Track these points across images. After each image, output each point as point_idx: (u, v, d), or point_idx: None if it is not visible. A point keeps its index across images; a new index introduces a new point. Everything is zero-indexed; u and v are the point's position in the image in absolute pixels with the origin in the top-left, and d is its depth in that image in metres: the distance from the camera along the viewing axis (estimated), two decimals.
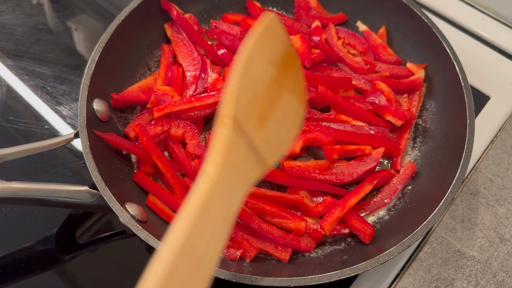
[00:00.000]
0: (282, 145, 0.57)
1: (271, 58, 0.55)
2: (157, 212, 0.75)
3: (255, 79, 0.52)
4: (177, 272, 0.36)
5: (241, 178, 0.47)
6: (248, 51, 0.51)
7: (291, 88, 0.58)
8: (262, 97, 0.53)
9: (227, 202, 0.44)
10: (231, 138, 0.46)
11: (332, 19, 0.99)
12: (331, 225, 0.73)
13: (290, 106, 0.58)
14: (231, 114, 0.47)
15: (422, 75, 0.90)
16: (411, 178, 0.82)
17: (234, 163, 0.46)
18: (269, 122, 0.53)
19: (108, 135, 0.76)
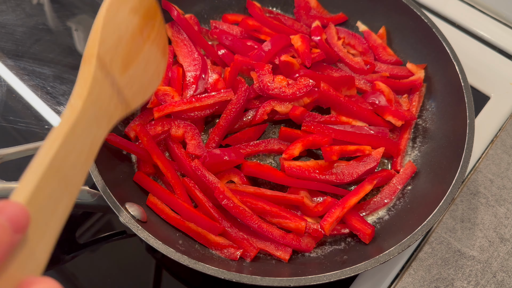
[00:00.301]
0: (145, 92, 0.63)
1: (135, 7, 0.61)
2: (157, 212, 0.75)
3: (119, 24, 0.57)
4: (46, 186, 0.40)
5: (106, 114, 0.52)
6: (109, 1, 0.56)
7: (155, 41, 0.65)
8: (126, 43, 0.58)
9: (92, 132, 0.49)
10: (95, 75, 0.51)
11: (332, 19, 0.99)
12: (331, 225, 0.74)
13: (153, 57, 0.65)
14: (95, 53, 0.52)
15: (422, 76, 0.90)
16: (411, 178, 0.82)
17: (99, 98, 0.51)
18: (132, 68, 0.59)
19: (108, 135, 0.76)
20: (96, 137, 0.49)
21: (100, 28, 0.54)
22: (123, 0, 0.59)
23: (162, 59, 0.68)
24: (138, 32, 0.61)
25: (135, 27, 0.61)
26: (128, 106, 0.59)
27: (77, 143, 0.45)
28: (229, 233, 0.74)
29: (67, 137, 0.44)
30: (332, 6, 1.01)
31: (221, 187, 0.74)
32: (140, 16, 0.62)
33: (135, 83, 0.60)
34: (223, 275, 0.63)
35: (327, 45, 0.92)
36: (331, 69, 0.92)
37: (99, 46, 0.53)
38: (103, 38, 0.54)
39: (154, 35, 0.66)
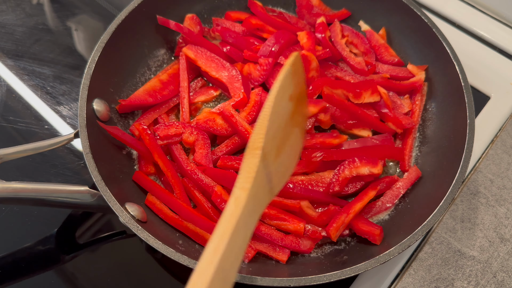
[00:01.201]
0: (286, 175, 0.62)
1: (292, 94, 0.60)
2: (156, 212, 0.75)
3: (280, 114, 0.57)
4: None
5: (260, 204, 0.52)
6: (278, 88, 0.55)
7: (299, 124, 0.64)
8: (281, 131, 0.58)
9: (248, 225, 0.47)
10: (259, 167, 0.51)
11: (335, 15, 0.98)
12: (337, 231, 0.73)
13: (296, 139, 0.64)
14: (261, 146, 0.52)
15: (423, 77, 0.89)
16: None
17: (257, 190, 0.50)
18: (282, 154, 0.58)
19: (111, 128, 0.76)
20: (250, 230, 0.48)
21: (268, 119, 0.53)
22: (285, 89, 0.58)
23: (301, 140, 0.67)
24: (290, 118, 0.61)
25: (289, 114, 0.60)
26: (272, 193, 0.57)
27: (238, 238, 0.44)
28: None
29: (233, 233, 0.42)
30: (332, 6, 1.01)
31: (218, 190, 0.73)
32: (294, 102, 0.61)
33: (281, 169, 0.59)
34: None
35: (330, 43, 0.92)
36: (335, 68, 0.91)
37: (265, 137, 0.52)
38: (268, 129, 0.53)
39: (301, 119, 0.65)
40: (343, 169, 0.76)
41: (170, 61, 0.95)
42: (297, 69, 0.61)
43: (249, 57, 0.88)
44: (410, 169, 0.82)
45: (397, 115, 0.86)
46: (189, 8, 0.97)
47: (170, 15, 0.94)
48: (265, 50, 0.87)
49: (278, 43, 0.87)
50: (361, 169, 0.77)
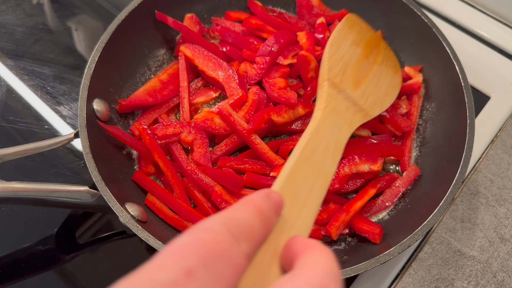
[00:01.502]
0: (382, 102, 0.77)
1: (356, 41, 0.79)
2: (156, 212, 0.75)
3: (343, 55, 0.74)
4: (300, 171, 0.49)
5: (345, 120, 0.65)
6: (331, 39, 0.76)
7: (383, 62, 0.81)
8: (353, 68, 0.74)
9: (335, 133, 0.60)
10: (329, 93, 0.67)
11: (335, 16, 0.99)
12: (337, 229, 0.73)
13: (384, 74, 0.80)
14: (326, 78, 0.69)
15: (420, 79, 0.89)
16: None
17: (336, 109, 0.65)
18: (363, 85, 0.74)
19: (111, 128, 0.76)
20: (340, 137, 0.61)
21: (327, 60, 0.71)
22: (342, 38, 0.77)
23: (394, 75, 0.83)
24: (364, 57, 0.78)
25: (359, 55, 0.77)
26: (367, 114, 0.72)
27: (323, 140, 0.56)
28: None
29: (311, 137, 0.55)
30: (332, 6, 1.01)
31: (218, 190, 0.73)
32: (362, 46, 0.79)
33: (370, 96, 0.73)
34: None
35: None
36: None
37: (328, 73, 0.70)
38: (330, 67, 0.71)
39: (381, 58, 0.82)
40: (343, 166, 0.77)
41: (170, 61, 0.95)
42: (352, 24, 0.81)
43: (248, 56, 0.88)
44: (409, 167, 0.82)
45: (396, 118, 0.85)
46: (189, 8, 0.97)
47: (170, 15, 0.94)
48: (264, 50, 0.87)
49: (277, 43, 0.86)
50: (361, 166, 0.77)
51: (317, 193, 0.51)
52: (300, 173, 0.49)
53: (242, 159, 0.81)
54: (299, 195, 0.47)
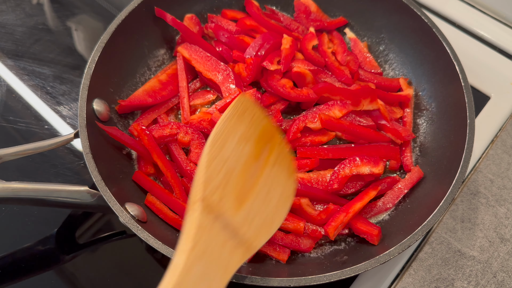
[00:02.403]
0: (270, 223, 0.56)
1: (246, 136, 0.56)
2: (156, 212, 0.75)
3: (227, 158, 0.53)
4: None
5: (218, 264, 0.46)
6: (213, 135, 0.53)
7: (275, 163, 0.59)
8: (238, 176, 0.53)
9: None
10: (201, 223, 0.46)
11: (332, 23, 0.99)
12: (335, 229, 0.73)
13: (276, 181, 0.58)
14: (200, 198, 0.48)
15: (411, 93, 0.90)
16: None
17: (208, 248, 0.45)
18: (249, 202, 0.53)
19: (110, 129, 0.76)
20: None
21: (204, 168, 0.50)
22: (229, 131, 0.55)
23: (287, 180, 0.61)
24: (253, 160, 0.57)
25: (248, 155, 0.56)
26: (250, 246, 0.52)
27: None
28: None
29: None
30: (332, 6, 1.01)
31: None
32: (252, 143, 0.58)
33: (255, 218, 0.54)
34: None
35: (310, 54, 0.92)
36: (324, 74, 0.91)
37: (204, 188, 0.49)
38: (207, 178, 0.50)
39: (275, 157, 0.60)
40: (343, 167, 0.77)
41: (170, 61, 0.95)
42: (244, 110, 0.59)
43: (238, 57, 0.88)
44: (412, 169, 0.82)
45: (396, 127, 0.85)
46: (189, 7, 0.97)
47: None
48: (250, 51, 0.87)
49: (263, 46, 0.87)
50: (362, 168, 0.77)
51: None
52: None
53: None
54: None
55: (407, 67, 0.95)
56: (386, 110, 0.86)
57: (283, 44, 0.90)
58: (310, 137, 0.83)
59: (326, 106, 0.84)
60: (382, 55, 0.98)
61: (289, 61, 0.88)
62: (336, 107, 0.84)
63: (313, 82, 0.87)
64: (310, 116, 0.83)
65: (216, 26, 0.93)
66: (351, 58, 0.94)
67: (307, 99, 0.84)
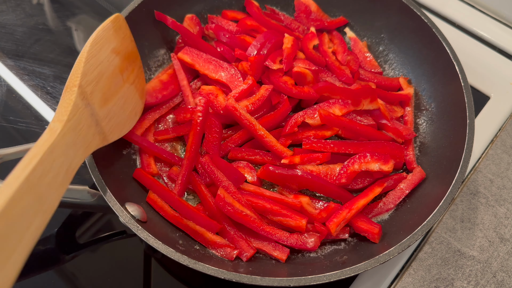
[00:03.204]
0: (122, 128, 0.71)
1: (117, 49, 0.70)
2: (157, 209, 0.76)
3: (102, 61, 0.65)
4: (20, 200, 0.41)
5: (84, 141, 0.57)
6: (95, 36, 0.65)
7: (133, 83, 0.75)
8: (106, 79, 0.66)
9: (69, 156, 0.52)
10: (75, 103, 0.57)
11: (332, 22, 0.99)
12: (337, 226, 0.73)
13: (132, 97, 0.73)
14: (77, 83, 0.59)
15: (411, 92, 0.90)
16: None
17: (78, 125, 0.56)
18: (111, 103, 0.67)
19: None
20: (73, 163, 0.53)
21: (83, 61, 0.61)
22: (106, 40, 0.68)
23: (139, 101, 0.77)
24: (119, 71, 0.70)
25: (116, 66, 0.69)
26: (105, 138, 0.65)
27: (54, 164, 0.48)
28: (227, 232, 0.74)
29: (45, 156, 0.46)
30: (332, 7, 1.01)
31: (221, 193, 0.73)
32: (121, 57, 0.71)
33: (113, 118, 0.67)
34: (223, 275, 0.63)
35: (312, 53, 0.92)
36: (325, 73, 0.92)
37: (81, 77, 0.60)
38: (85, 71, 0.61)
39: (134, 77, 0.75)
40: (353, 163, 0.77)
41: (170, 61, 0.95)
42: (119, 27, 0.72)
43: (240, 56, 0.88)
44: (414, 170, 0.82)
45: (397, 126, 0.85)
46: (189, 8, 0.97)
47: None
48: (253, 50, 0.88)
49: (265, 45, 0.88)
50: (371, 165, 0.77)
51: (33, 234, 0.42)
52: (19, 207, 0.41)
53: (253, 150, 0.82)
54: (16, 229, 0.39)
55: (407, 67, 0.95)
56: (387, 110, 0.86)
57: (284, 43, 0.90)
58: (313, 131, 0.84)
59: (326, 103, 0.84)
60: (382, 55, 0.98)
61: (291, 60, 0.88)
62: (336, 106, 0.84)
63: (313, 81, 0.87)
64: (310, 112, 0.83)
65: (216, 26, 0.93)
66: (352, 57, 0.94)
67: (308, 96, 0.84)
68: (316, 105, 0.85)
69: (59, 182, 0.49)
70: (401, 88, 0.92)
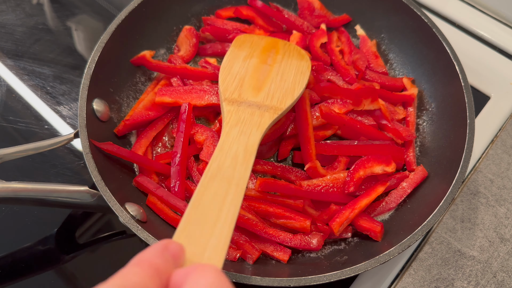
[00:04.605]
0: (292, 92, 0.76)
1: (249, 55, 0.81)
2: (157, 212, 0.75)
3: (237, 73, 0.77)
4: (207, 191, 0.53)
5: (251, 124, 0.67)
6: (222, 64, 0.79)
7: (283, 58, 0.82)
8: (250, 77, 0.76)
9: (242, 141, 0.63)
10: (228, 110, 0.70)
11: (335, 20, 0.99)
12: (340, 225, 0.72)
13: (288, 67, 0.80)
14: (223, 99, 0.72)
15: (415, 92, 0.90)
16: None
17: (239, 119, 0.68)
18: (266, 87, 0.75)
19: (105, 145, 0.75)
20: (250, 142, 0.64)
21: (221, 84, 0.75)
22: (234, 58, 0.80)
23: (300, 62, 0.82)
24: (261, 64, 0.79)
25: (255, 64, 0.79)
26: (277, 109, 0.72)
27: (229, 153, 0.60)
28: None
29: (215, 156, 0.59)
30: (333, 6, 1.01)
31: None
32: (257, 55, 0.81)
33: (275, 93, 0.75)
34: None
35: (318, 52, 0.92)
36: (329, 71, 0.91)
37: (224, 94, 0.72)
38: (224, 88, 0.73)
39: (281, 56, 0.82)
40: (357, 169, 0.76)
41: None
42: (242, 42, 0.83)
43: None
44: (416, 169, 0.81)
45: (397, 127, 0.85)
46: (189, 7, 0.97)
47: (170, 15, 0.94)
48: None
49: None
50: (375, 168, 0.77)
51: (230, 206, 0.52)
52: (206, 195, 0.52)
53: (259, 161, 0.81)
54: (204, 224, 0.48)
55: (407, 67, 0.95)
56: (388, 110, 0.86)
57: (290, 41, 0.90)
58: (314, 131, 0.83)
59: (326, 103, 0.84)
60: (382, 55, 0.98)
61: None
62: (336, 105, 0.84)
63: (313, 82, 0.87)
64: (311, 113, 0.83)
65: (212, 27, 0.94)
66: (359, 56, 0.94)
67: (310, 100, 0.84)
68: (316, 106, 0.85)
69: (241, 160, 0.59)
70: (405, 89, 0.92)
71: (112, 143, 0.76)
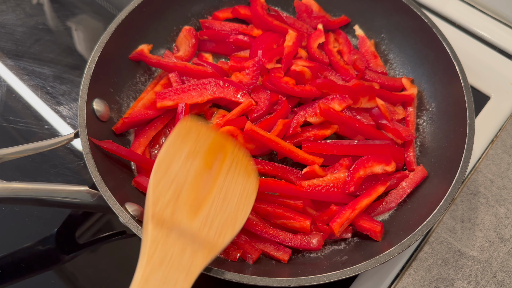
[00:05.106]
0: (233, 221, 0.60)
1: (193, 151, 0.62)
2: None
3: (175, 176, 0.58)
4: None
5: (179, 269, 0.51)
6: (159, 159, 0.59)
7: (230, 168, 0.64)
8: (189, 189, 0.59)
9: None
10: (153, 238, 0.52)
11: (334, 22, 0.99)
12: (341, 226, 0.72)
13: (233, 183, 0.63)
14: (150, 216, 0.53)
15: (415, 92, 0.90)
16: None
17: (165, 258, 0.51)
18: (206, 207, 0.58)
19: (104, 143, 0.75)
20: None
21: (151, 191, 0.55)
22: (175, 152, 0.61)
23: (247, 179, 0.65)
24: (205, 169, 0.62)
25: (198, 168, 0.61)
26: (213, 247, 0.56)
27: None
28: None
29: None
30: (332, 7, 1.01)
31: None
32: (202, 155, 0.63)
33: (215, 219, 0.58)
34: (223, 275, 0.63)
35: (315, 53, 0.92)
36: (328, 71, 0.92)
37: (153, 207, 0.54)
38: (155, 200, 0.55)
39: (229, 163, 0.65)
40: (357, 169, 0.76)
41: None
42: (188, 131, 0.64)
43: (234, 68, 0.88)
44: (416, 169, 0.81)
45: (397, 127, 0.85)
46: (189, 7, 0.97)
47: (170, 15, 0.94)
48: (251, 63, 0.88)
49: (257, 52, 0.88)
50: (375, 168, 0.77)
51: None
52: None
53: (260, 161, 0.81)
54: None
55: (407, 67, 0.95)
56: (387, 110, 0.86)
57: (286, 41, 0.90)
58: (313, 131, 0.83)
59: (325, 100, 0.84)
60: (382, 55, 0.98)
61: (291, 59, 0.88)
62: (335, 101, 0.84)
63: (311, 79, 0.87)
64: (310, 111, 0.83)
65: (210, 31, 0.94)
66: (358, 57, 0.94)
67: (310, 94, 0.84)
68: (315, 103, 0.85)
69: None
70: (404, 89, 0.92)
71: (111, 141, 0.77)
